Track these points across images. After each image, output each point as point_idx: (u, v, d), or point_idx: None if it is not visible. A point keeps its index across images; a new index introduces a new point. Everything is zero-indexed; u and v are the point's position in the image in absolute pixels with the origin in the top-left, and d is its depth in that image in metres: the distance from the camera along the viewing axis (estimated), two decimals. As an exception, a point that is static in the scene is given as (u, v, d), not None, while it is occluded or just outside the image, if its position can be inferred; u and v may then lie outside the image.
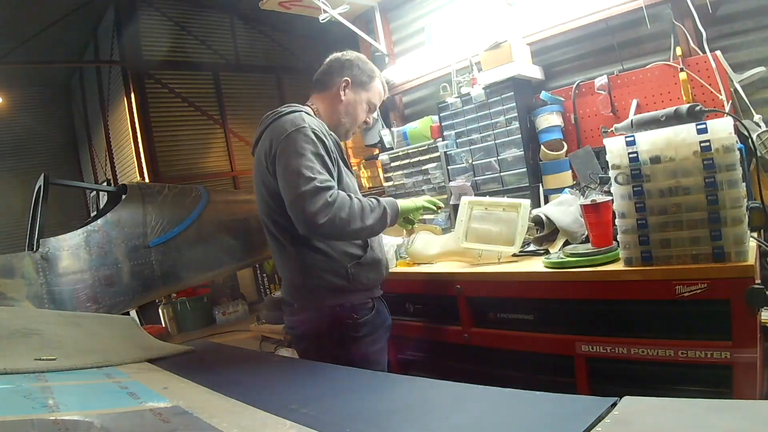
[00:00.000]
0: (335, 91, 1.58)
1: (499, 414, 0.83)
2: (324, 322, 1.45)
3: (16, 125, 8.30)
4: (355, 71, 1.60)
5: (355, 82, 1.59)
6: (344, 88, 1.58)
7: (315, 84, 1.63)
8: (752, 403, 1.02)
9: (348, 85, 1.58)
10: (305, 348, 1.54)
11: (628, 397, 0.70)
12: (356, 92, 1.60)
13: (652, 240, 1.37)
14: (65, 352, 1.21)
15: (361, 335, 1.48)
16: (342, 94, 1.58)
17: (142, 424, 0.79)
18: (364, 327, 1.48)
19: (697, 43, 2.09)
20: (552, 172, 2.39)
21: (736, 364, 1.25)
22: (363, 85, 1.61)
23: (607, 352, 1.46)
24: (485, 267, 1.81)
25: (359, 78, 1.60)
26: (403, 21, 3.26)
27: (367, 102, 1.64)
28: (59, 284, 2.53)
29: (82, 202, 9.01)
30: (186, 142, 7.24)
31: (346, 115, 1.60)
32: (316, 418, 0.81)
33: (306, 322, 1.50)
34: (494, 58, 2.42)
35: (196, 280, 3.34)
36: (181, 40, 7.23)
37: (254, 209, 1.63)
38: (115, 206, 2.86)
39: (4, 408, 0.78)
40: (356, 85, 1.60)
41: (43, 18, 6.36)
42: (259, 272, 7.10)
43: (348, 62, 1.60)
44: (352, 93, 1.60)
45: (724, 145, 1.26)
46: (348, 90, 1.59)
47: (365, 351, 1.49)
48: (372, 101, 1.65)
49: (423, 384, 1.07)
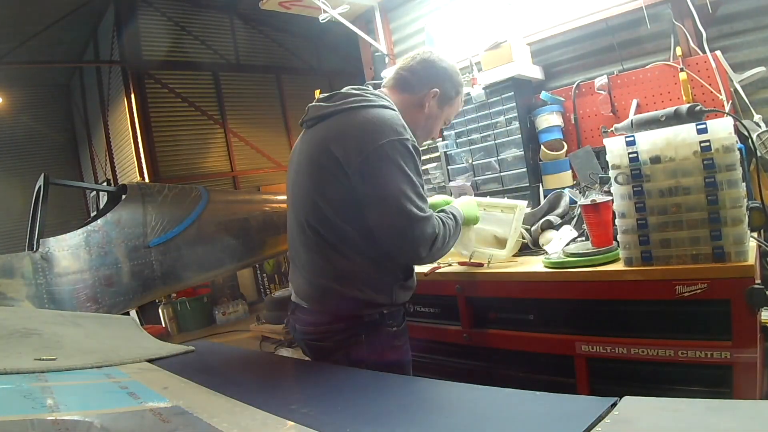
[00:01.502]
0: (420, 99, 1.41)
1: (499, 414, 0.83)
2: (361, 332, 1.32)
3: (16, 125, 8.31)
4: (447, 84, 1.43)
5: (444, 95, 1.43)
6: (431, 99, 1.42)
7: (398, 81, 1.43)
8: (752, 403, 1.02)
9: (436, 97, 1.42)
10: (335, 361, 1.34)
11: (628, 397, 0.70)
12: (440, 106, 1.45)
13: (652, 240, 1.37)
14: (65, 352, 1.21)
15: (400, 344, 1.39)
16: (427, 104, 1.42)
17: (142, 424, 0.79)
18: (402, 336, 1.39)
19: (697, 43, 2.09)
20: (552, 172, 2.39)
21: (736, 364, 1.25)
22: (449, 100, 1.46)
23: (607, 352, 1.46)
24: (485, 267, 1.80)
25: (449, 92, 1.45)
26: (403, 21, 3.26)
27: (446, 118, 1.50)
28: (59, 284, 2.53)
29: (82, 202, 9.02)
30: (186, 142, 7.26)
31: (424, 127, 1.46)
32: (316, 418, 0.81)
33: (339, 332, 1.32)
34: (494, 58, 2.42)
35: (196, 280, 3.34)
36: (181, 40, 7.24)
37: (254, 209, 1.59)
38: (115, 206, 2.87)
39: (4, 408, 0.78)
40: (443, 99, 1.44)
41: (43, 18, 6.37)
42: (259, 272, 7.11)
43: (444, 72, 1.43)
44: (437, 106, 1.44)
45: (724, 145, 1.26)
46: (434, 102, 1.43)
47: (402, 359, 1.40)
48: (449, 117, 1.52)
49: (423, 384, 1.07)
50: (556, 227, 1.89)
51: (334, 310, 1.33)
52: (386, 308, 1.34)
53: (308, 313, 1.37)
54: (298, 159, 1.37)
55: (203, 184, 5.09)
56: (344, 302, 1.30)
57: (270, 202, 3.61)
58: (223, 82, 7.66)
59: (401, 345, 1.39)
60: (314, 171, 1.29)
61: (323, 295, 1.33)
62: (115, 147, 7.74)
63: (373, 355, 1.31)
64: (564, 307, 1.58)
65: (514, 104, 2.41)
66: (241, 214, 3.33)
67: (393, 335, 1.36)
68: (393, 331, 1.36)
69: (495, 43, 2.42)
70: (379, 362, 1.31)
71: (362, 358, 1.30)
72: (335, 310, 1.33)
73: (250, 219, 3.33)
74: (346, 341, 1.31)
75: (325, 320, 1.34)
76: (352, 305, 1.30)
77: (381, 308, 1.33)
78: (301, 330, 1.40)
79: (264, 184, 7.68)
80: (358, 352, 1.31)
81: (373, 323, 1.32)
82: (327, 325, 1.33)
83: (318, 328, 1.35)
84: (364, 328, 1.31)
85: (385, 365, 1.31)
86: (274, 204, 3.55)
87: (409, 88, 1.41)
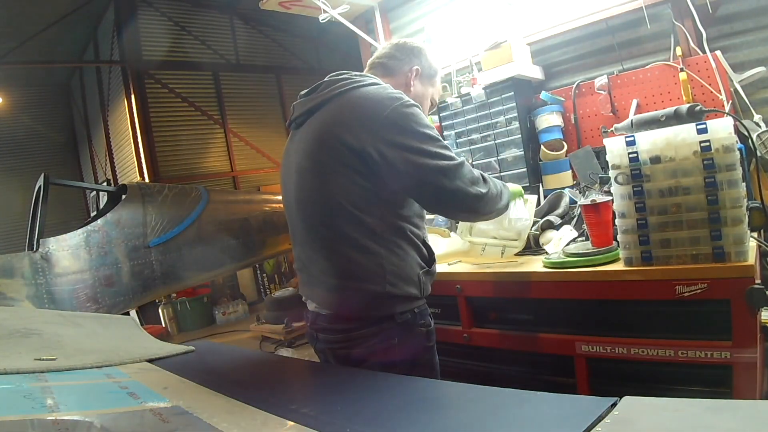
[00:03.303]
0: (404, 80, 1.40)
1: (499, 414, 0.83)
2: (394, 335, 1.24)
3: (16, 125, 8.31)
4: (423, 61, 1.43)
5: (424, 73, 1.43)
6: (414, 77, 1.41)
7: (375, 67, 1.43)
8: (752, 403, 1.02)
9: (418, 74, 1.42)
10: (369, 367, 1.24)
11: (628, 397, 0.70)
12: (424, 85, 1.44)
13: (652, 240, 1.37)
14: (65, 352, 1.21)
15: (431, 344, 1.34)
16: (412, 84, 1.41)
17: (142, 424, 0.79)
18: (433, 335, 1.34)
19: (697, 43, 2.09)
20: (552, 172, 2.39)
21: (736, 364, 1.25)
22: (430, 79, 1.45)
23: (607, 352, 1.46)
24: (485, 267, 1.80)
25: (427, 70, 1.44)
26: (403, 21, 3.26)
27: (431, 98, 1.49)
28: (59, 284, 2.53)
29: (82, 202, 9.02)
30: (186, 142, 7.25)
31: None
32: (316, 418, 0.81)
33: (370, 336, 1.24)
34: (494, 58, 2.42)
35: (196, 280, 3.34)
36: (181, 40, 7.24)
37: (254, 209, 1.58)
38: (115, 206, 2.87)
39: (4, 408, 0.78)
40: (424, 77, 1.44)
41: (43, 18, 6.37)
42: (259, 272, 7.10)
43: (417, 50, 1.43)
44: (420, 84, 1.43)
45: (724, 145, 1.26)
46: (417, 80, 1.42)
47: (434, 361, 1.35)
48: (435, 98, 1.50)
49: (423, 384, 1.07)
50: (556, 227, 1.89)
51: (363, 313, 1.24)
52: (417, 305, 1.29)
53: (333, 320, 1.28)
54: (296, 160, 1.30)
55: (203, 184, 5.09)
56: (374, 301, 1.22)
57: (270, 202, 3.61)
58: (223, 82, 7.66)
59: (432, 345, 1.35)
60: (320, 167, 1.22)
61: (349, 297, 1.24)
62: (115, 147, 7.74)
63: (407, 358, 1.25)
64: (564, 307, 1.58)
65: (514, 104, 2.41)
66: (241, 214, 3.33)
67: (425, 336, 1.31)
68: (424, 331, 1.31)
69: (495, 43, 2.42)
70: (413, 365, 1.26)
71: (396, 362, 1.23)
72: (365, 313, 1.24)
73: (250, 219, 3.33)
74: (379, 345, 1.23)
75: (353, 326, 1.25)
76: (383, 303, 1.23)
77: (413, 305, 1.27)
78: (324, 339, 1.31)
79: (264, 184, 7.68)
80: (393, 356, 1.23)
81: (405, 324, 1.25)
82: (357, 330, 1.24)
83: (349, 335, 1.25)
84: (397, 330, 1.24)
85: (419, 367, 1.27)
86: (274, 204, 3.55)
87: (389, 71, 1.41)
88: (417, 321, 1.28)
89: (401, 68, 1.41)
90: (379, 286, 1.21)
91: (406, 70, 1.41)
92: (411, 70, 1.40)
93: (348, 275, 1.23)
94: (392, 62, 1.41)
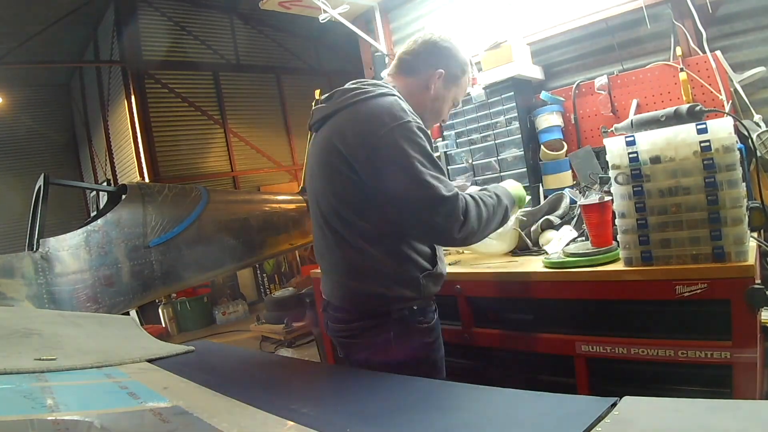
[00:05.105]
0: (425, 82, 1.39)
1: (499, 414, 0.83)
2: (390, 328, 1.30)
3: (16, 125, 8.32)
4: (451, 63, 1.40)
5: (450, 74, 1.40)
6: (437, 80, 1.39)
7: (400, 65, 1.41)
8: (752, 403, 1.02)
9: (441, 78, 1.39)
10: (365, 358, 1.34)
11: (628, 397, 0.70)
12: (447, 87, 1.41)
13: (652, 240, 1.37)
14: (65, 352, 1.21)
15: (431, 340, 1.36)
16: (433, 86, 1.39)
17: (142, 424, 0.79)
18: (434, 331, 1.37)
19: (697, 43, 2.09)
20: (552, 172, 2.39)
21: (736, 364, 1.25)
22: (455, 80, 1.42)
23: (607, 352, 1.46)
24: (485, 267, 1.80)
25: (454, 71, 1.41)
26: (403, 21, 3.26)
27: (453, 99, 1.47)
28: (59, 284, 2.53)
29: (82, 202, 9.02)
30: (186, 142, 7.26)
31: (432, 110, 1.42)
32: (316, 418, 0.81)
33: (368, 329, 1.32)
34: (494, 58, 2.42)
35: (196, 280, 3.34)
36: (181, 40, 7.25)
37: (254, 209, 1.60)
38: (115, 206, 2.87)
39: (4, 408, 0.78)
40: (449, 80, 1.41)
41: (43, 18, 6.38)
42: (259, 272, 7.10)
43: (446, 51, 1.40)
44: (443, 87, 1.40)
45: (724, 145, 1.26)
46: (440, 82, 1.39)
47: (435, 357, 1.37)
48: (457, 98, 1.49)
49: (423, 384, 1.07)
50: (556, 227, 1.89)
51: (361, 308, 1.33)
52: (416, 303, 1.32)
53: (339, 311, 1.38)
54: (311, 162, 1.40)
55: (203, 184, 5.10)
56: (371, 300, 1.30)
57: (270, 202, 3.61)
58: (223, 82, 7.67)
59: (432, 341, 1.37)
60: (325, 172, 1.31)
61: (349, 293, 1.34)
62: (115, 147, 7.74)
63: (402, 351, 1.29)
64: (564, 307, 1.58)
65: (514, 104, 2.41)
66: (241, 214, 3.33)
67: (423, 331, 1.34)
68: (423, 327, 1.34)
69: (495, 43, 2.42)
70: (410, 359, 1.30)
71: (392, 355, 1.28)
72: (363, 308, 1.33)
73: (250, 219, 3.33)
74: (375, 338, 1.31)
75: (354, 318, 1.34)
76: (379, 302, 1.30)
77: (410, 303, 1.31)
78: (333, 327, 1.42)
79: (264, 184, 7.68)
80: (390, 350, 1.29)
81: (402, 319, 1.30)
82: (356, 322, 1.33)
83: (349, 325, 1.35)
84: (393, 324, 1.30)
85: (416, 362, 1.30)
86: (274, 204, 3.56)
87: (413, 71, 1.39)
88: (416, 317, 1.32)
89: (425, 69, 1.39)
90: (374, 287, 1.29)
91: (429, 72, 1.39)
92: (435, 73, 1.38)
93: (347, 274, 1.33)
94: (416, 61, 1.39)
